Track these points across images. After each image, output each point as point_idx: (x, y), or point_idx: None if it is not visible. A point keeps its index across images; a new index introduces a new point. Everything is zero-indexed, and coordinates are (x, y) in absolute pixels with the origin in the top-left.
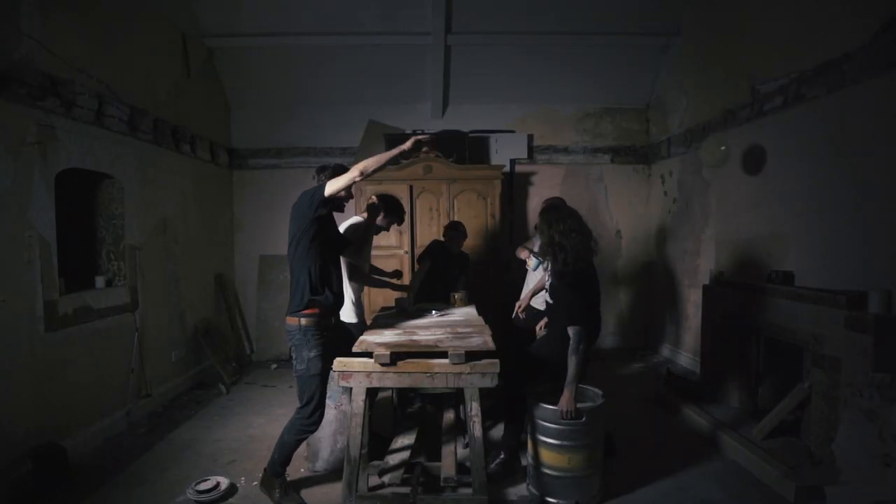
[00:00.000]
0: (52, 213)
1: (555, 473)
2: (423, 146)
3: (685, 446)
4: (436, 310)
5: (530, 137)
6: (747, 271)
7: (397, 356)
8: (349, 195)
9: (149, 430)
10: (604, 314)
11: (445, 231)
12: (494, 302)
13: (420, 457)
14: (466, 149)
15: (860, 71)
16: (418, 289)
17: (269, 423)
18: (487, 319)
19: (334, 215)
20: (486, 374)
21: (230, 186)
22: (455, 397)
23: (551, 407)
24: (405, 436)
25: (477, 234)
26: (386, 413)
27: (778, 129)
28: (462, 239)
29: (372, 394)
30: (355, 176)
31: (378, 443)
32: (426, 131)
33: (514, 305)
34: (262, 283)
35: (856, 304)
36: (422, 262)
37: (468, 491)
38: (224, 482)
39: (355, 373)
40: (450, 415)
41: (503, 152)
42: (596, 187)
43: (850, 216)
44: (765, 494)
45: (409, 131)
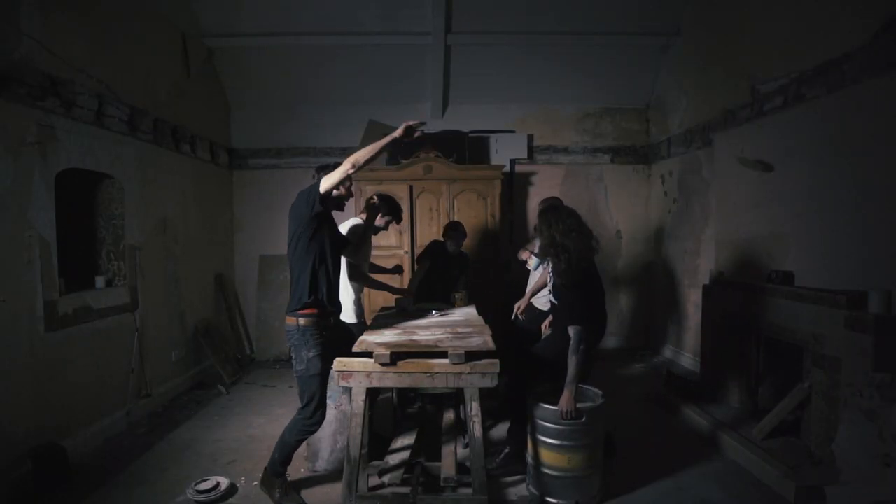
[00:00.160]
0: (52, 213)
1: (555, 473)
2: (414, 131)
3: (685, 446)
4: (436, 310)
5: (530, 137)
6: (747, 271)
7: (397, 356)
8: (349, 193)
9: (149, 430)
10: None
11: (445, 231)
12: (494, 302)
13: (420, 457)
14: (466, 149)
15: (860, 71)
16: (417, 289)
17: (269, 423)
18: (487, 319)
19: (334, 215)
20: (486, 374)
21: (230, 186)
22: (455, 397)
23: (551, 407)
24: (405, 436)
25: (477, 234)
26: (386, 413)
27: (778, 129)
28: (461, 239)
29: (373, 394)
30: (348, 169)
31: (378, 443)
32: (426, 131)
33: (513, 306)
34: (262, 283)
35: (856, 304)
36: (421, 262)
37: (468, 491)
38: (224, 482)
39: (355, 373)
40: (450, 415)
41: (503, 152)
42: (596, 187)
43: (850, 216)
44: (765, 494)
45: None
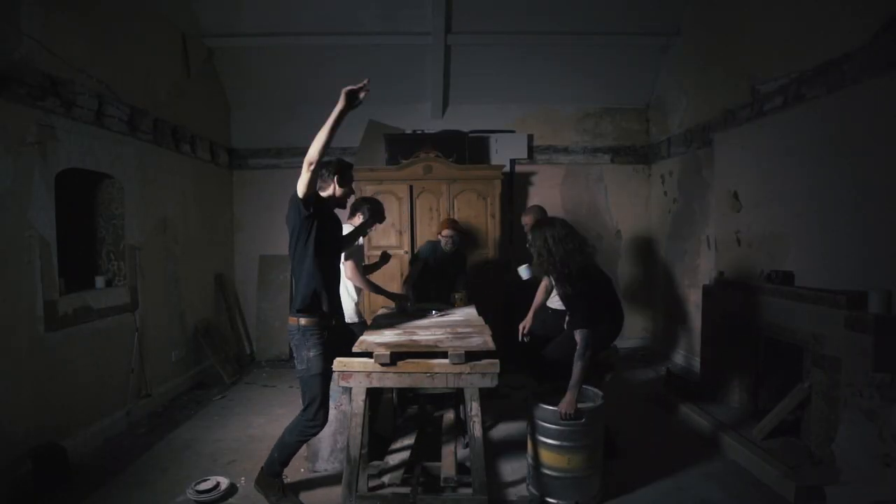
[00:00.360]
0: (52, 213)
1: (555, 474)
2: (356, 95)
3: (685, 446)
4: (436, 310)
5: (530, 137)
6: (747, 271)
7: (397, 356)
8: (350, 191)
9: (149, 430)
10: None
11: (439, 230)
12: (494, 302)
13: (420, 457)
14: (466, 149)
15: (860, 71)
16: (415, 289)
17: (269, 423)
18: (487, 319)
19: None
20: (486, 374)
21: (230, 186)
22: (455, 397)
23: (551, 408)
24: (405, 436)
25: (477, 234)
26: (386, 413)
27: (778, 129)
28: (457, 237)
29: (375, 394)
30: (308, 168)
31: (378, 443)
32: (426, 131)
33: (513, 306)
34: (262, 283)
35: (856, 304)
36: (413, 263)
37: (468, 491)
38: (224, 482)
39: (355, 373)
40: (450, 415)
41: (503, 152)
42: (596, 187)
43: (850, 216)
44: (765, 494)
45: (409, 131)
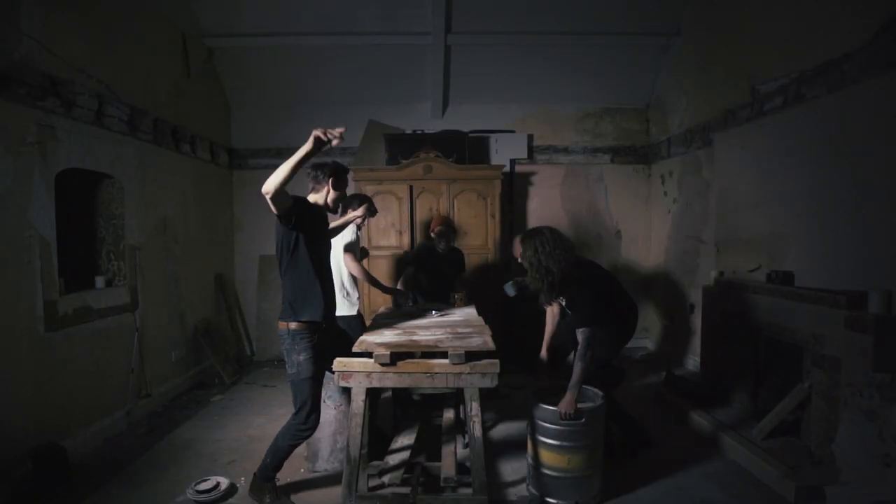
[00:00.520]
0: (52, 213)
1: (555, 474)
2: (323, 143)
3: (685, 446)
4: (436, 310)
5: (530, 137)
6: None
7: (397, 356)
8: (343, 195)
9: (149, 430)
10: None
11: (431, 228)
12: (494, 302)
13: (420, 457)
14: (466, 149)
15: (860, 71)
16: (414, 291)
17: (269, 423)
18: (487, 320)
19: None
20: (486, 374)
21: (230, 186)
22: (455, 397)
23: (551, 408)
24: (405, 436)
25: (477, 234)
26: (386, 413)
27: (778, 129)
28: (451, 234)
29: (374, 394)
30: (267, 197)
31: (379, 440)
32: (426, 131)
33: (513, 305)
34: (262, 283)
35: (856, 304)
36: (406, 266)
37: (468, 491)
38: (224, 482)
39: (355, 373)
40: (450, 415)
41: (503, 152)
42: (596, 187)
43: (850, 216)
44: (765, 494)
45: (409, 131)
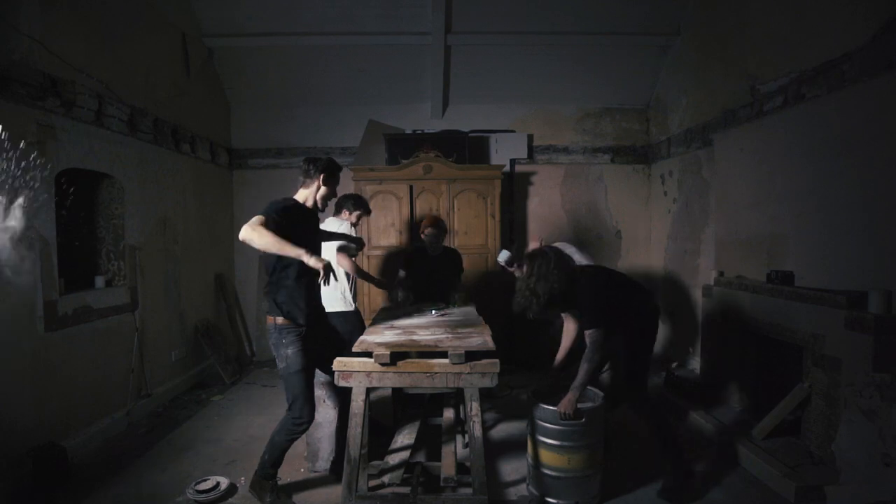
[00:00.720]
0: (52, 213)
1: (555, 474)
2: (308, 266)
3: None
4: (436, 309)
5: (530, 137)
6: (747, 271)
7: (397, 356)
8: (332, 193)
9: (149, 430)
10: None
11: (422, 229)
12: (494, 302)
13: (420, 457)
14: (466, 149)
15: (860, 71)
16: (406, 295)
17: (269, 423)
18: (487, 319)
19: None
20: (486, 374)
21: (230, 186)
22: (455, 397)
23: (551, 408)
24: (405, 436)
25: (477, 234)
26: (386, 411)
27: (778, 129)
28: (441, 235)
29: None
30: (251, 240)
31: (381, 434)
32: (426, 131)
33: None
34: (262, 283)
35: (856, 304)
36: (400, 271)
37: (468, 491)
38: (224, 482)
39: (355, 373)
40: (450, 415)
41: (503, 152)
42: (596, 187)
43: (850, 216)
44: (765, 494)
45: (409, 131)
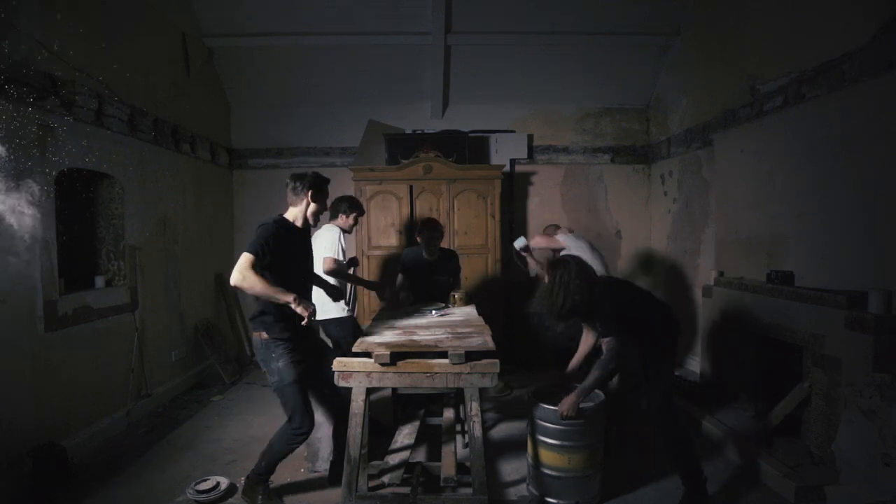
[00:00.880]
0: (52, 213)
1: (555, 474)
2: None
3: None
4: (436, 309)
5: (530, 137)
6: (747, 271)
7: (397, 356)
8: (322, 208)
9: (149, 430)
10: None
11: (417, 233)
12: (495, 302)
13: (420, 457)
14: (466, 149)
15: (860, 71)
16: (406, 296)
17: (269, 423)
18: (487, 319)
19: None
20: (486, 374)
21: (230, 186)
22: (455, 397)
23: (551, 407)
24: (405, 436)
25: (477, 234)
26: (386, 411)
27: (778, 128)
28: (438, 238)
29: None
30: (242, 288)
31: (380, 431)
32: (426, 131)
33: (513, 305)
34: None
35: (856, 304)
36: (399, 276)
37: (468, 491)
38: (224, 482)
39: (355, 373)
40: (450, 415)
41: (503, 152)
42: (596, 187)
43: (850, 216)
44: (765, 494)
45: (409, 131)
